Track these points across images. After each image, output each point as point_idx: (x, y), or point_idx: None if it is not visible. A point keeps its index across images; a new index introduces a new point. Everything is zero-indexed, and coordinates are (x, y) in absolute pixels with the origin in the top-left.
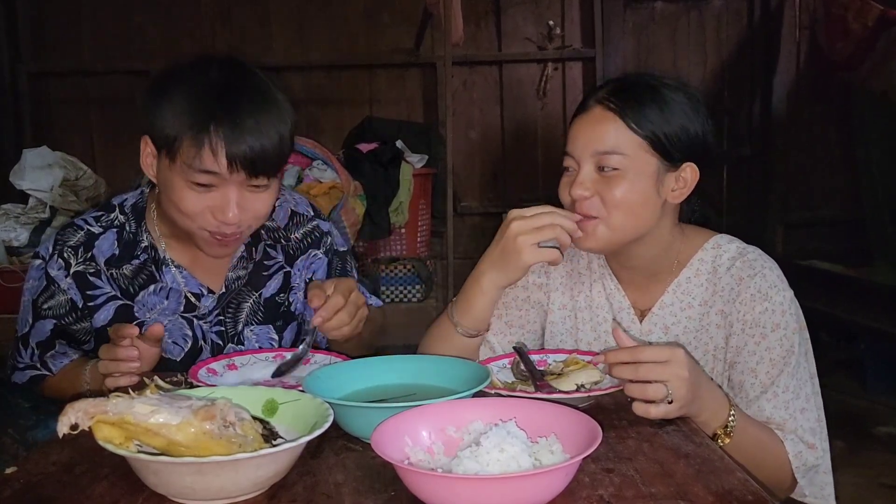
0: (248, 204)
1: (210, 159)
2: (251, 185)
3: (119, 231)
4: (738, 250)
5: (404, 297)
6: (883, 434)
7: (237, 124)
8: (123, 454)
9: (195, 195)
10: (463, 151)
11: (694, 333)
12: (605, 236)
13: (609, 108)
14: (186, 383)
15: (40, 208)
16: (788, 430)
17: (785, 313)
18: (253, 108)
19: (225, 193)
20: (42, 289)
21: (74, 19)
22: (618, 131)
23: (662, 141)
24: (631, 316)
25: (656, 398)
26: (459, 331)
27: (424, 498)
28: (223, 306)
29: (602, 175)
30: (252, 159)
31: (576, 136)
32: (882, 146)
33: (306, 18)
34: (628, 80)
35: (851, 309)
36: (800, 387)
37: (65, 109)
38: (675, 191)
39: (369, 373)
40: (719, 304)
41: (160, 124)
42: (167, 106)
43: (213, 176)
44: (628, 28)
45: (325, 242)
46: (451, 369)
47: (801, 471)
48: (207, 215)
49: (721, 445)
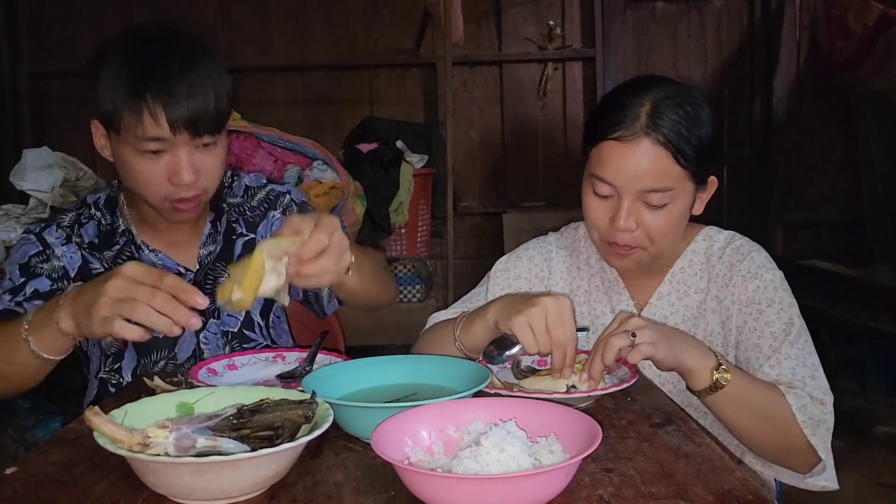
0: (200, 164)
1: (151, 125)
2: (198, 144)
3: (98, 224)
4: (727, 239)
5: (404, 297)
6: (883, 434)
7: (171, 86)
8: (123, 454)
9: (147, 163)
10: (463, 151)
11: (692, 321)
12: (644, 261)
13: (657, 141)
14: (187, 383)
15: (40, 209)
16: (796, 387)
17: (778, 289)
18: (184, 67)
19: (175, 157)
20: (36, 252)
21: (74, 19)
22: (668, 167)
23: (701, 164)
24: (630, 308)
25: (619, 344)
26: (458, 346)
27: (424, 498)
28: (199, 283)
29: (647, 208)
30: (192, 119)
31: (619, 168)
32: (883, 146)
33: (306, 18)
34: (662, 99)
35: (852, 309)
36: (805, 357)
37: (65, 109)
38: (699, 202)
39: (369, 373)
40: (714, 291)
41: (100, 101)
42: (102, 81)
43: (160, 142)
44: (628, 28)
45: (282, 201)
46: (451, 369)
47: (809, 426)
48: (164, 182)
49: (725, 386)
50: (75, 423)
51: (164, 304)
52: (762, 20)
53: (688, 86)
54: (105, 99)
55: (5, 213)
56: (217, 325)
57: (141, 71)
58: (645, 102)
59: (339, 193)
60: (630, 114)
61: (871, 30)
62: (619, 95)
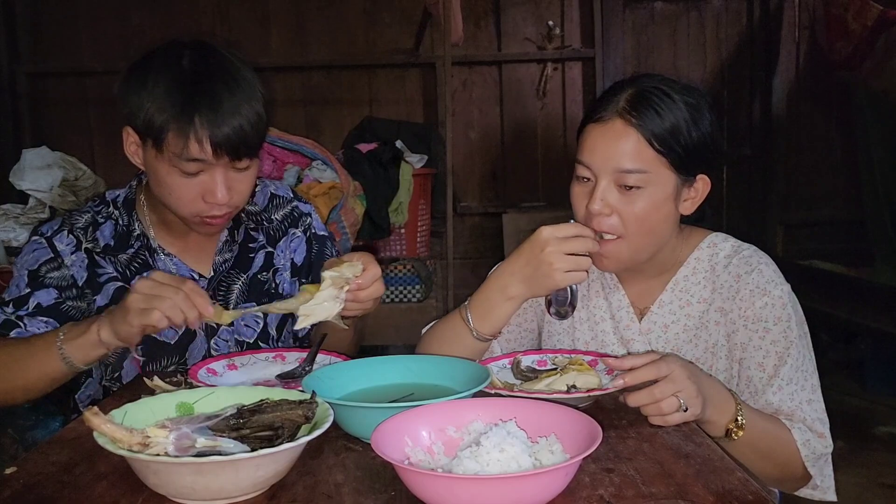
0: (234, 185)
1: (196, 148)
2: (235, 166)
3: (115, 224)
4: (734, 248)
5: (404, 297)
6: (883, 434)
7: (217, 110)
8: (123, 454)
9: (185, 181)
10: (463, 151)
11: (693, 331)
12: (625, 257)
13: (630, 122)
14: (186, 383)
15: (40, 208)
16: (797, 419)
17: (785, 306)
18: (229, 91)
19: (212, 177)
20: (47, 259)
21: (73, 19)
22: (639, 148)
23: (682, 157)
24: (630, 315)
25: (671, 411)
26: (475, 335)
27: (424, 498)
28: (213, 290)
29: (622, 192)
30: (235, 143)
31: (593, 148)
32: (882, 146)
33: (305, 18)
34: (645, 87)
35: (851, 309)
36: (805, 378)
37: (64, 109)
38: (688, 201)
39: (369, 373)
40: (718, 302)
41: (142, 116)
42: (146, 97)
43: (200, 163)
44: (628, 28)
45: (304, 222)
46: (451, 369)
47: (810, 459)
48: (198, 200)
49: (735, 440)
50: (75, 423)
51: (183, 303)
52: (762, 20)
53: (687, 84)
54: (148, 115)
55: (4, 212)
56: (230, 332)
57: (189, 93)
58: (628, 89)
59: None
60: (613, 99)
61: (871, 29)
62: (610, 87)
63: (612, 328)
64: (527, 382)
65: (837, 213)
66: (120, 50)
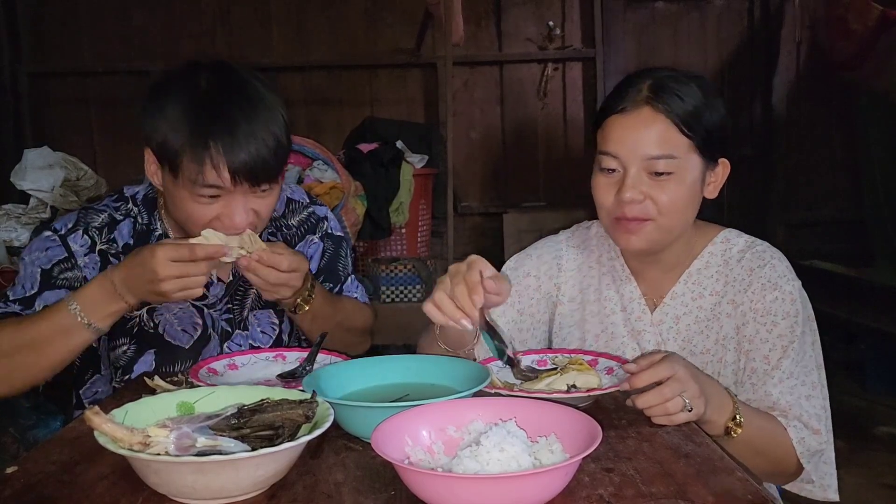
0: (255, 206)
1: (213, 175)
2: (256, 192)
3: (134, 222)
4: (748, 243)
5: (404, 297)
6: (883, 434)
7: (235, 136)
8: (124, 453)
9: (202, 207)
10: (463, 151)
11: (705, 323)
12: (655, 237)
13: (658, 108)
14: (187, 383)
15: (41, 208)
16: (792, 416)
17: (795, 301)
18: (247, 116)
19: (230, 201)
20: (61, 259)
21: (74, 20)
22: (669, 134)
23: (706, 139)
24: (642, 306)
25: (676, 411)
26: (440, 344)
27: (424, 497)
28: (231, 294)
29: (652, 178)
30: (253, 169)
31: (622, 138)
32: (883, 146)
33: (306, 19)
34: (662, 75)
35: (852, 309)
36: (805, 374)
37: (65, 109)
38: (711, 185)
39: (369, 373)
40: (731, 295)
41: (158, 139)
42: (162, 121)
43: (217, 189)
44: (628, 28)
45: (322, 227)
46: (451, 369)
47: (805, 456)
48: (216, 224)
49: (734, 437)
50: (76, 423)
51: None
52: (762, 20)
53: (696, 74)
54: (164, 140)
55: (6, 213)
56: (244, 337)
57: (205, 118)
58: (647, 80)
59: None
60: (633, 90)
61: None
62: (623, 81)
63: (623, 320)
64: (527, 382)
65: (838, 213)
66: (121, 50)
